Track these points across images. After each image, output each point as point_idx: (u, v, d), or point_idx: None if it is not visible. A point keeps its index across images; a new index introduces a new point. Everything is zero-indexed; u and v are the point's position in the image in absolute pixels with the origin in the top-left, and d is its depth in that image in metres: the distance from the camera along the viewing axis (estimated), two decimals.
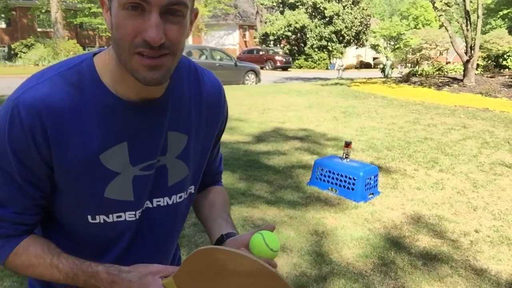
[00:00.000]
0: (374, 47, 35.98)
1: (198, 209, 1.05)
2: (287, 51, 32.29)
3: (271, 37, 32.25)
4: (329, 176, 4.12)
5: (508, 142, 6.48)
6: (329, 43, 31.83)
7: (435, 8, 13.98)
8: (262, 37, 32.88)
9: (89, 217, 0.82)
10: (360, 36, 33.19)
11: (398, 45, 33.41)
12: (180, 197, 0.92)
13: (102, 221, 0.83)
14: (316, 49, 32.04)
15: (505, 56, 17.50)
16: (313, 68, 31.66)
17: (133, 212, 0.85)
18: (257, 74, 16.48)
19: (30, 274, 0.82)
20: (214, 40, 37.14)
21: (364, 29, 33.17)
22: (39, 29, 29.31)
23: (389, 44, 35.78)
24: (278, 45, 32.97)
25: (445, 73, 17.23)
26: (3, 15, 28.60)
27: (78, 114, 0.75)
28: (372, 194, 4.04)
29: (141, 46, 0.67)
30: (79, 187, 0.79)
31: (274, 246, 0.78)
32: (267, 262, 0.73)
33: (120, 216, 0.84)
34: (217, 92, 0.94)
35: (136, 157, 0.81)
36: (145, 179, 0.84)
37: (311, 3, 31.57)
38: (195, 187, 0.97)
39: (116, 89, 0.77)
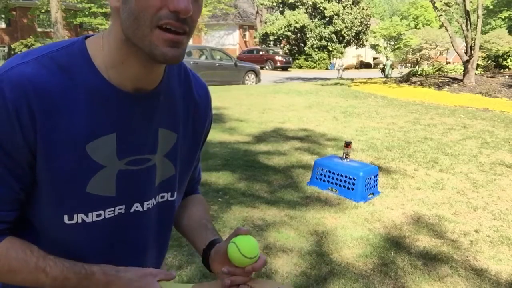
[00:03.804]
0: (374, 47, 35.92)
1: (177, 220, 0.97)
2: (287, 51, 32.29)
3: (271, 37, 32.23)
4: (329, 176, 4.12)
5: (508, 142, 6.48)
6: (329, 43, 31.83)
7: (435, 8, 13.99)
8: (262, 37, 32.87)
9: (66, 217, 0.74)
10: (360, 36, 33.18)
11: (398, 45, 33.35)
12: (162, 197, 0.86)
13: (80, 220, 0.75)
14: (316, 49, 32.04)
15: (505, 56, 17.52)
16: (313, 68, 31.66)
17: (112, 209, 0.78)
18: (257, 74, 16.46)
19: (9, 281, 0.74)
20: (214, 40, 37.11)
21: (364, 29, 33.16)
22: (39, 29, 29.28)
23: (389, 44, 35.69)
24: (278, 45, 32.96)
25: (445, 73, 17.24)
26: (3, 15, 28.59)
27: (66, 97, 0.69)
28: (372, 194, 4.04)
29: (167, 18, 0.64)
30: (60, 179, 0.71)
31: (249, 253, 0.76)
32: (250, 268, 0.77)
33: (100, 215, 0.77)
34: (205, 93, 0.92)
35: (123, 151, 0.75)
36: (130, 175, 0.78)
37: (311, 3, 31.56)
38: (179, 193, 0.91)
39: (109, 76, 0.72)
